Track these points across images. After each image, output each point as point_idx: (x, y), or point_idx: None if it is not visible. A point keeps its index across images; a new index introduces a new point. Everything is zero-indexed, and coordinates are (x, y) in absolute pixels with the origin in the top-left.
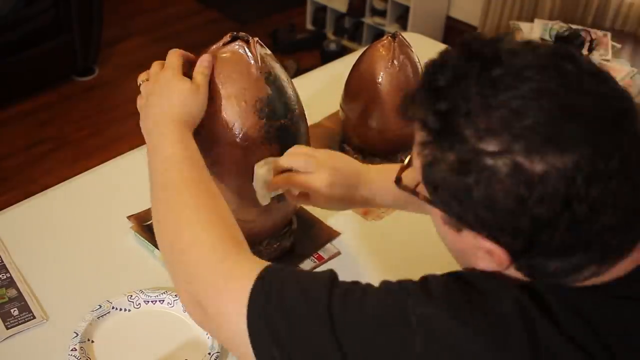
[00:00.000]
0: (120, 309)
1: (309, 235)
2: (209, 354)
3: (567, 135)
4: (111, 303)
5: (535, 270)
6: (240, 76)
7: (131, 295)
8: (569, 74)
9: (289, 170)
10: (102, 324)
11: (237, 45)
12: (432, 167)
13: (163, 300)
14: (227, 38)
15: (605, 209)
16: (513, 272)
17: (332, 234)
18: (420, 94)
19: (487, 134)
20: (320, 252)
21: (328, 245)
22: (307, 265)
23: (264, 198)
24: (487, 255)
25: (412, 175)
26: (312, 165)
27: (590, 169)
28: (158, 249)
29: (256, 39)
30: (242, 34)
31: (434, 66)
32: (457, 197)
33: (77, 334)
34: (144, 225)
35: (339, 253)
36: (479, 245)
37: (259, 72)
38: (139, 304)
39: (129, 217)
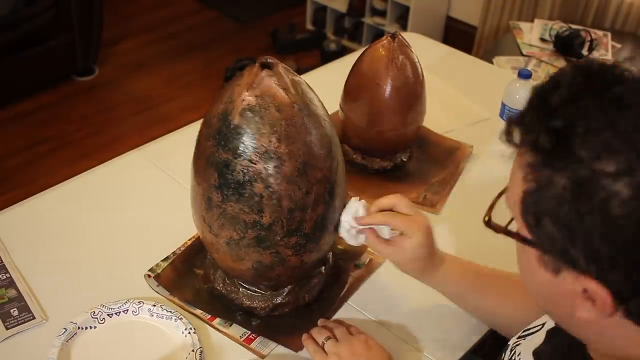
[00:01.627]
0: (86, 328)
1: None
2: (193, 350)
3: None
4: (76, 323)
5: None
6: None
7: (94, 312)
8: None
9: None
10: (73, 347)
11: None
12: (539, 192)
13: (127, 310)
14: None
15: None
16: (617, 322)
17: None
18: (531, 114)
19: (607, 153)
20: None
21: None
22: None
23: (350, 237)
24: (586, 301)
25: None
26: (414, 210)
27: None
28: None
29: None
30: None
31: (545, 86)
32: (566, 227)
33: None
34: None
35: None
36: (579, 289)
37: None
38: (103, 318)
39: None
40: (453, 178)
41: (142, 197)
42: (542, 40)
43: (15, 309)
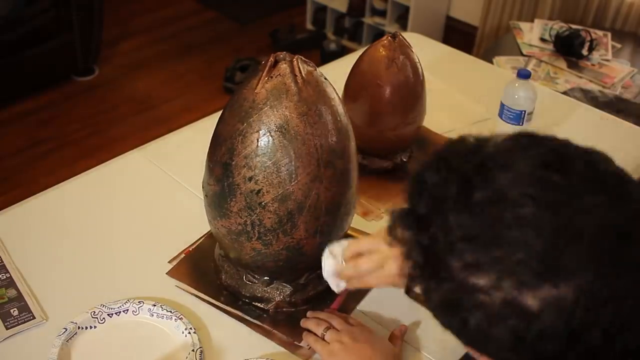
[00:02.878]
0: (86, 327)
1: None
2: (193, 350)
3: (562, 264)
4: (76, 323)
5: None
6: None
7: (94, 312)
8: (560, 189)
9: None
10: (73, 347)
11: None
12: (425, 298)
13: (127, 310)
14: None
15: (623, 332)
16: None
17: None
18: (404, 221)
19: (474, 268)
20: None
21: None
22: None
23: (336, 287)
24: None
25: None
26: (376, 245)
27: (594, 296)
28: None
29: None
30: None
31: (415, 186)
32: (455, 330)
33: None
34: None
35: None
36: None
37: None
38: (103, 318)
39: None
40: None
41: (142, 197)
42: (542, 40)
43: (15, 309)
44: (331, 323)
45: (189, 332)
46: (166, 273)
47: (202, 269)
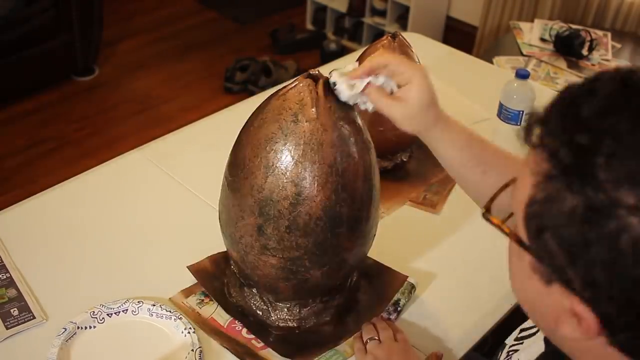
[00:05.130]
0: (86, 327)
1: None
2: (192, 350)
3: None
4: (75, 323)
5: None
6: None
7: (93, 312)
8: None
9: None
10: (72, 347)
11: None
12: (548, 205)
13: (127, 310)
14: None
15: None
16: (602, 345)
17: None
18: (556, 120)
19: (629, 183)
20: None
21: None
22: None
23: (343, 93)
24: (573, 319)
25: (504, 207)
26: (409, 65)
27: None
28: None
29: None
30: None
31: (578, 91)
32: (568, 249)
33: None
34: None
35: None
36: (566, 307)
37: None
38: (103, 318)
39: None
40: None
41: (142, 197)
42: (542, 40)
43: (15, 308)
44: (379, 334)
45: (189, 332)
46: (187, 267)
47: (221, 274)
